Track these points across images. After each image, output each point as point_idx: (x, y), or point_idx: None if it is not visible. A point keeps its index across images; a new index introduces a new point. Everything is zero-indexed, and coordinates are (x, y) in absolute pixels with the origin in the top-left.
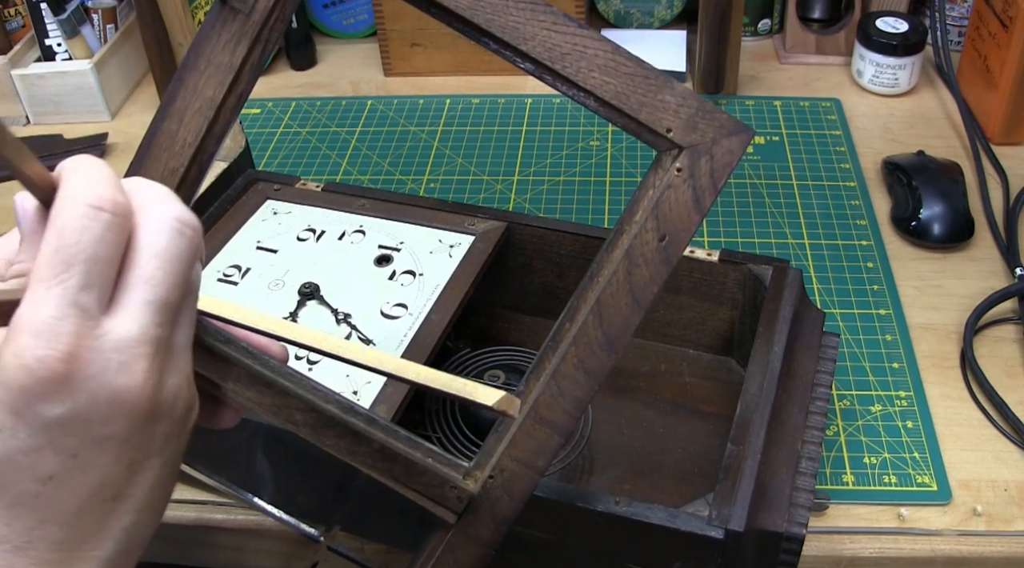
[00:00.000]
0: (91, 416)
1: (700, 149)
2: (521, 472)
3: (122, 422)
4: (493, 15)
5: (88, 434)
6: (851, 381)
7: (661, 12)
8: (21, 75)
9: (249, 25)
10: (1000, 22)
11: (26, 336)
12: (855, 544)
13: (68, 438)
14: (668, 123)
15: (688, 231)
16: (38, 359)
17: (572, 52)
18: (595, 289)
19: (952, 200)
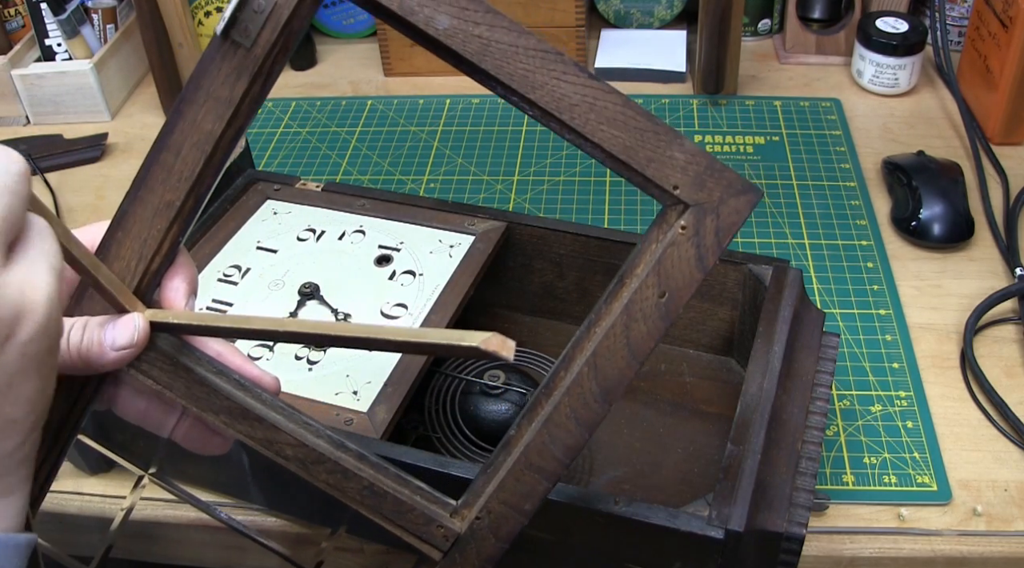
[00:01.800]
0: None
1: (706, 208)
2: (508, 514)
3: None
4: (502, 61)
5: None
6: (851, 381)
7: (661, 12)
8: (21, 75)
9: (250, 59)
10: (1000, 22)
11: None
12: (855, 544)
13: None
14: (675, 180)
15: (689, 289)
16: None
17: (581, 103)
18: (592, 340)
19: (952, 200)
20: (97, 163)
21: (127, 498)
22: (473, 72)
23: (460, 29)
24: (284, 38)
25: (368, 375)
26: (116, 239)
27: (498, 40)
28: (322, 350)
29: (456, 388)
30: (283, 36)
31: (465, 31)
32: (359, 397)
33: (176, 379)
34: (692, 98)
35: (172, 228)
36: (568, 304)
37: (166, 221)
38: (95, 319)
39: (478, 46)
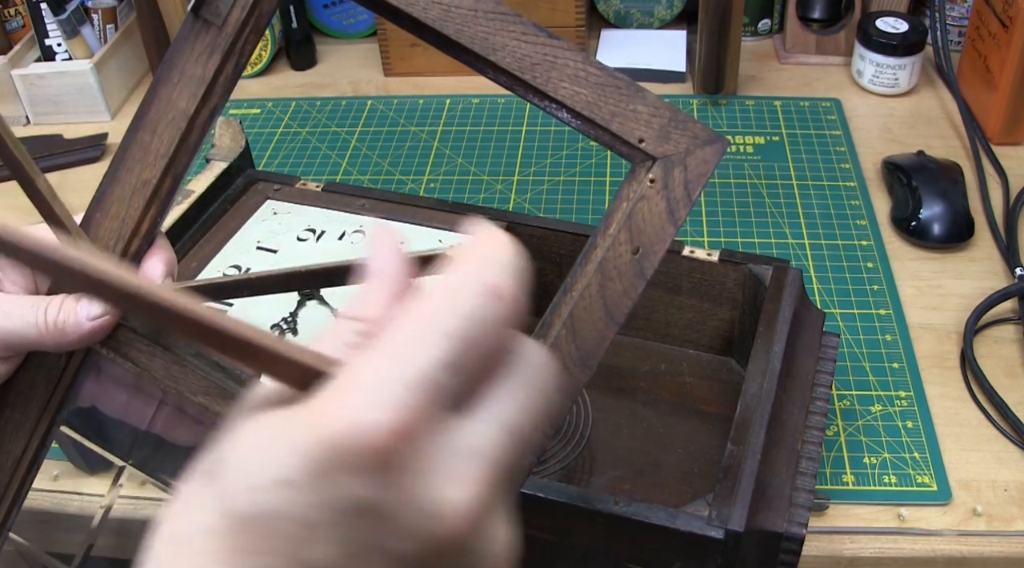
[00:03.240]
0: (397, 519)
1: (673, 160)
2: None
3: (424, 545)
4: (463, 25)
5: (379, 540)
6: (851, 381)
7: (661, 12)
8: (21, 75)
9: (222, 37)
10: (1000, 22)
11: (363, 394)
12: (855, 544)
13: (355, 532)
14: (640, 133)
15: (663, 243)
16: (365, 417)
17: (542, 62)
18: (568, 304)
19: (952, 200)
20: (97, 163)
21: (105, 496)
22: (435, 39)
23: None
24: (255, 18)
25: None
26: (95, 219)
27: (458, 6)
28: None
29: None
30: (253, 15)
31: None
32: None
33: (154, 360)
34: (692, 98)
35: (150, 208)
36: None
37: (143, 200)
38: (72, 295)
39: (439, 12)
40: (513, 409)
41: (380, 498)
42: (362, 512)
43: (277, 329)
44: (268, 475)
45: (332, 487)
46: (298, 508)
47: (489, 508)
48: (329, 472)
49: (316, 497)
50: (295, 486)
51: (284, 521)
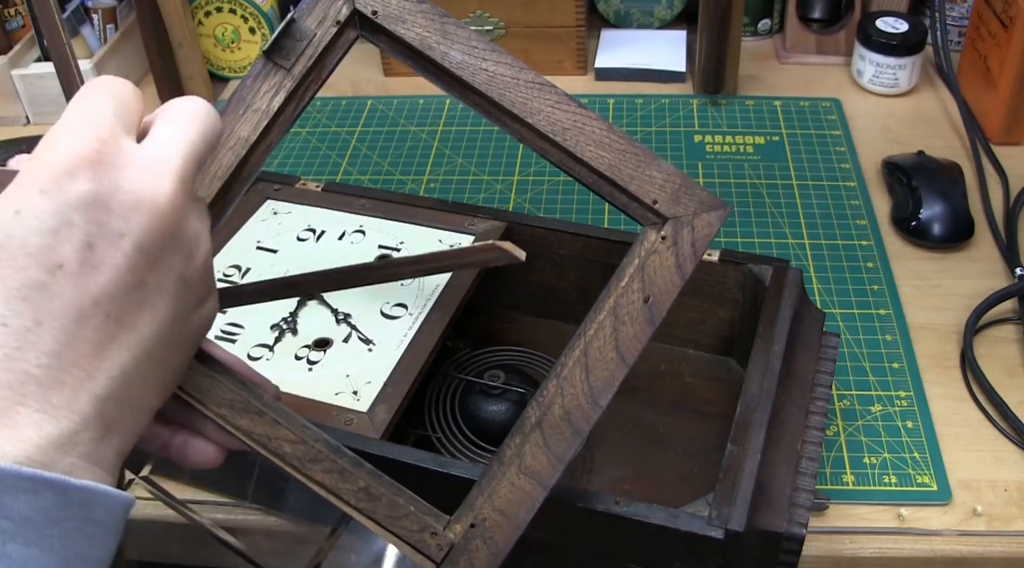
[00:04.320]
0: (112, 202)
1: (683, 221)
2: (502, 523)
3: (141, 220)
4: (505, 90)
5: (106, 224)
6: (851, 381)
7: (661, 12)
8: (21, 75)
9: (288, 79)
10: (1000, 22)
11: (62, 131)
12: (855, 544)
13: (86, 223)
14: (654, 196)
15: (671, 294)
16: (76, 138)
17: (572, 127)
18: (582, 345)
19: (952, 200)
20: None
21: None
22: (480, 100)
23: (470, 63)
24: (318, 68)
25: (368, 375)
26: None
27: (502, 74)
28: (322, 350)
29: (456, 388)
30: (317, 66)
31: (474, 65)
32: (359, 397)
33: None
34: (692, 98)
35: None
36: (568, 304)
37: None
38: None
39: (485, 78)
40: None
41: (97, 189)
42: (86, 204)
43: (277, 329)
44: (5, 210)
45: (58, 193)
46: (34, 222)
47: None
48: (52, 183)
49: (47, 206)
50: (26, 207)
51: (26, 238)
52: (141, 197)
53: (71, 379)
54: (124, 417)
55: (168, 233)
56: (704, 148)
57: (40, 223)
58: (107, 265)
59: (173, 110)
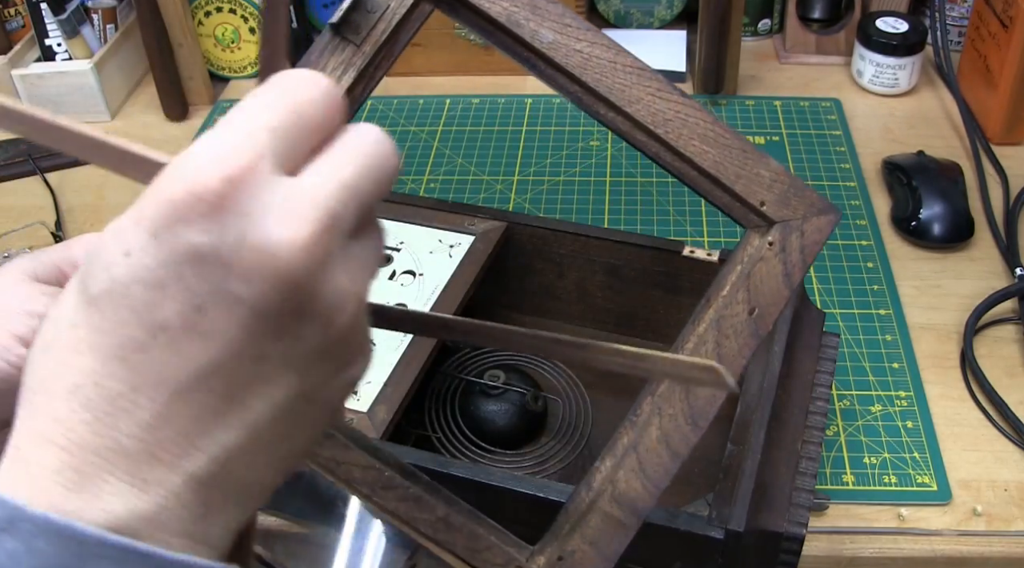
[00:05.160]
0: (232, 261)
1: (792, 225)
2: (592, 556)
3: (263, 286)
4: (601, 75)
5: (221, 285)
6: (851, 381)
7: (661, 12)
8: (21, 75)
9: (358, 55)
10: (1000, 22)
11: (192, 155)
12: (855, 544)
13: (199, 281)
14: (762, 197)
15: (778, 305)
16: (198, 171)
17: (675, 119)
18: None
19: (952, 200)
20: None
21: None
22: (573, 84)
23: (562, 43)
24: (390, 44)
25: (368, 375)
26: None
27: (598, 56)
28: None
29: (456, 388)
30: (389, 41)
31: (567, 46)
32: (359, 397)
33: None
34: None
35: None
36: (568, 304)
37: None
38: None
39: (579, 60)
40: (343, 165)
41: (215, 242)
42: (201, 259)
43: None
44: (114, 249)
45: (170, 241)
46: (141, 271)
47: (327, 252)
48: (165, 227)
49: (156, 255)
50: (136, 251)
51: (131, 288)
52: (269, 255)
53: (165, 456)
54: (229, 497)
55: (300, 300)
56: None
57: (148, 273)
58: (218, 334)
59: (347, 138)
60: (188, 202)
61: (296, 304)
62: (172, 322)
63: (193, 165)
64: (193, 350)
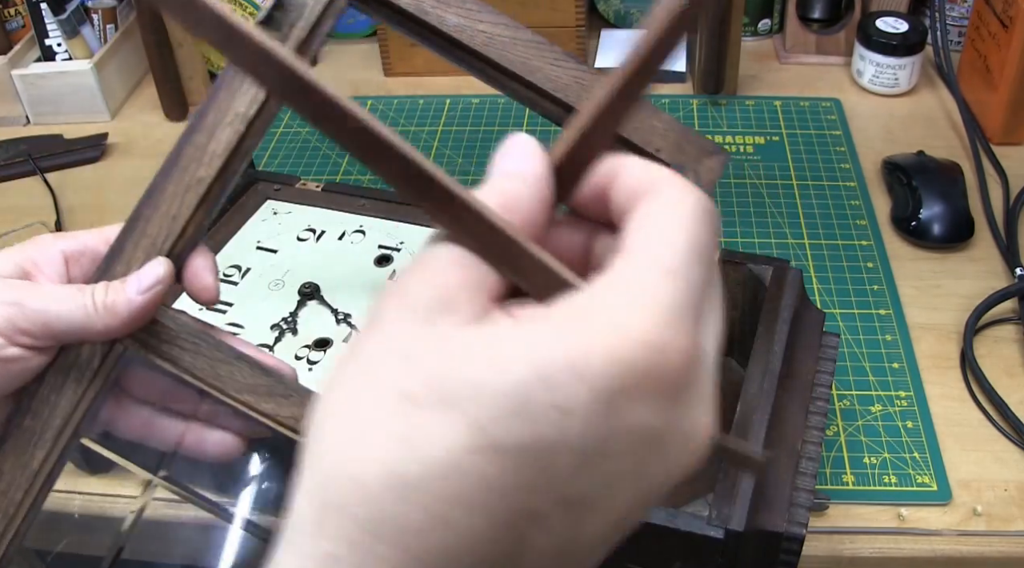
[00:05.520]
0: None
1: (686, 167)
2: None
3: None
4: (504, 51)
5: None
6: (851, 381)
7: None
8: (21, 75)
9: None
10: (1000, 22)
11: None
12: (855, 544)
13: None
14: (657, 144)
15: None
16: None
17: (572, 84)
18: None
19: (952, 200)
20: (97, 163)
21: (138, 498)
22: (478, 62)
23: (467, 26)
24: (309, 40)
25: None
26: (143, 216)
27: (500, 34)
28: (322, 350)
29: None
30: (309, 37)
31: (472, 27)
32: None
33: (198, 358)
34: (692, 98)
35: (202, 205)
36: None
37: (196, 197)
38: (118, 279)
39: (483, 39)
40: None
41: (661, 425)
42: (642, 441)
43: (277, 329)
44: (544, 399)
45: (620, 414)
46: (576, 438)
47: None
48: (621, 397)
49: (601, 426)
50: (578, 412)
51: (557, 451)
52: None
53: None
54: None
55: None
56: None
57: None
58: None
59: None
60: (657, 379)
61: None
62: (584, 498)
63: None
64: (592, 527)
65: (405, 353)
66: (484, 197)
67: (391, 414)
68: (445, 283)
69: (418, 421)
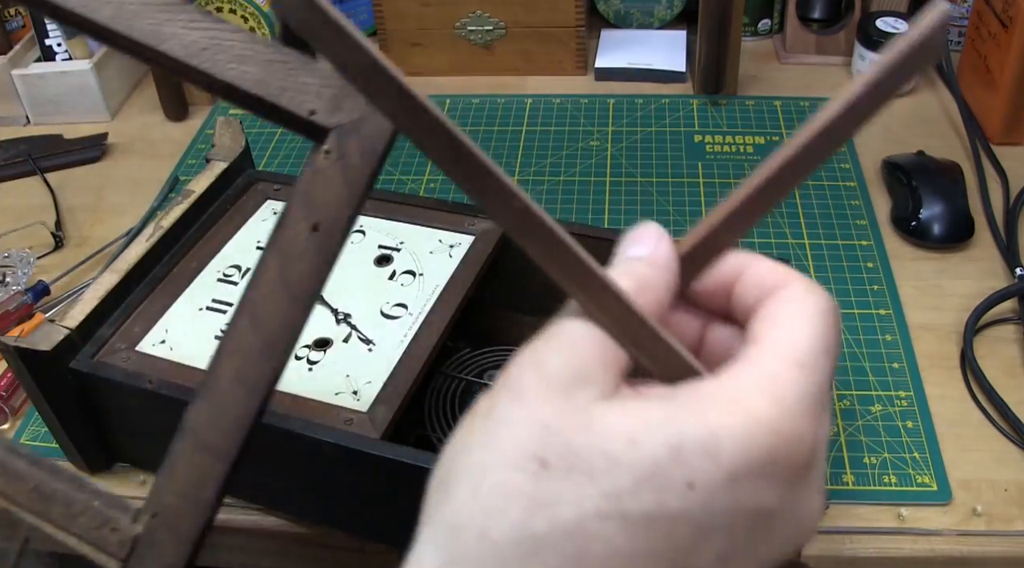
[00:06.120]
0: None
1: (347, 128)
2: (186, 508)
3: (787, 549)
4: (132, 20)
5: (757, 543)
6: (851, 381)
7: (661, 12)
8: (21, 75)
9: None
10: (1000, 22)
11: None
12: (855, 544)
13: (742, 539)
14: (311, 105)
15: (343, 216)
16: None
17: (210, 47)
18: (248, 293)
19: (952, 200)
20: (97, 163)
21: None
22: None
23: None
24: None
25: (368, 375)
26: None
27: (128, 4)
28: (322, 350)
29: (456, 388)
30: None
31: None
32: (359, 397)
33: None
34: (692, 98)
35: None
36: None
37: None
38: None
39: (110, 12)
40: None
41: (780, 508)
42: (761, 521)
43: None
44: (675, 474)
45: (744, 494)
46: (699, 511)
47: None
48: (749, 477)
49: (723, 501)
50: (703, 487)
51: (679, 523)
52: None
53: None
54: None
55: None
56: (704, 148)
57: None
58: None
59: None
60: (781, 464)
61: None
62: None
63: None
64: None
65: (545, 423)
66: (617, 278)
67: (525, 478)
68: (581, 358)
69: (552, 486)
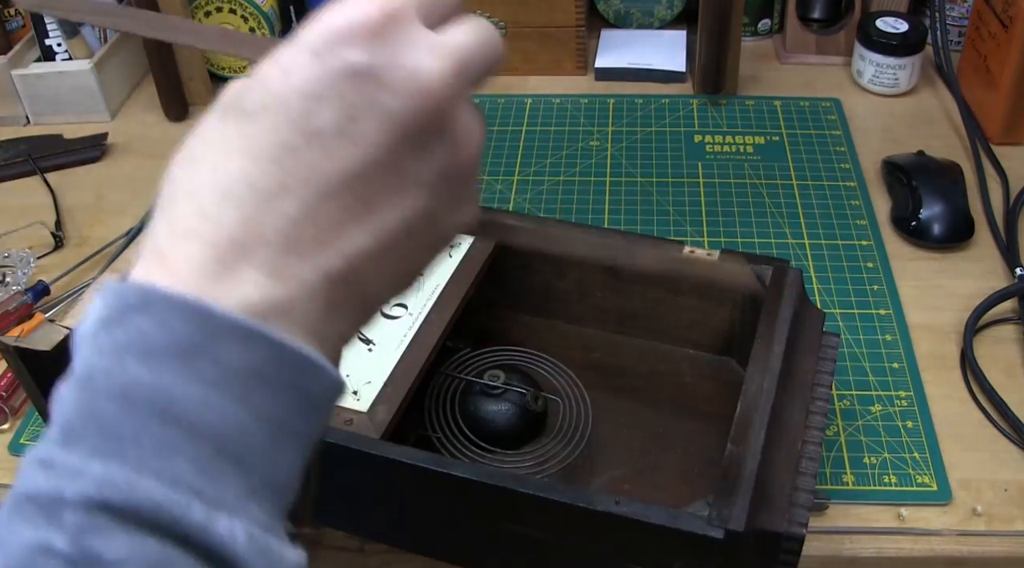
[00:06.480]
0: (385, 78)
1: None
2: None
3: (411, 102)
4: None
5: (374, 99)
6: (851, 381)
7: (661, 12)
8: (21, 75)
9: None
10: (1000, 22)
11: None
12: (855, 544)
13: (354, 94)
14: None
15: None
16: (363, 7)
17: None
18: None
19: (952, 200)
20: (97, 163)
21: None
22: None
23: None
24: None
25: (368, 375)
26: None
27: None
28: None
29: (456, 388)
30: None
31: None
32: (359, 397)
33: None
34: (692, 98)
35: None
36: (568, 304)
37: None
38: None
39: None
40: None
41: (372, 61)
42: (357, 74)
43: None
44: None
45: (330, 59)
46: (300, 83)
47: (460, 90)
48: (327, 48)
49: (316, 71)
50: (295, 68)
51: (290, 99)
52: (416, 77)
53: (305, 251)
54: (351, 301)
55: (436, 120)
56: (704, 148)
57: (306, 86)
58: (366, 142)
59: (477, 26)
60: (350, 28)
61: (435, 123)
62: (326, 128)
63: (356, 4)
64: (343, 154)
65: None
66: None
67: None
68: None
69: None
